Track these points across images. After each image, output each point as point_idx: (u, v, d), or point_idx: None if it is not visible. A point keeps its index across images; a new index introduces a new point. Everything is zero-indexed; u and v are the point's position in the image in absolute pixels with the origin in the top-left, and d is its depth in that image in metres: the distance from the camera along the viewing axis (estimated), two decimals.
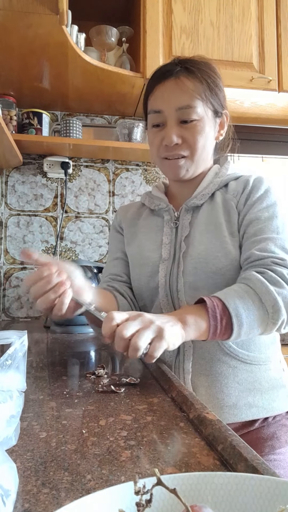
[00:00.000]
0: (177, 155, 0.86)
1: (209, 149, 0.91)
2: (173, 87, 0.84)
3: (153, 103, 0.88)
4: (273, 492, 0.28)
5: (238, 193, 0.86)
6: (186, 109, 0.84)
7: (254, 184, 0.86)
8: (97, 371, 0.73)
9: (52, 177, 1.85)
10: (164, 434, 0.47)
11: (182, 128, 0.85)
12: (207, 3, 1.64)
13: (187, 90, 0.84)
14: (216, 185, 0.89)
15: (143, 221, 0.99)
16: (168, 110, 0.85)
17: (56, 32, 1.27)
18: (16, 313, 1.79)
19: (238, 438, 0.43)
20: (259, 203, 0.83)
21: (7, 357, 0.44)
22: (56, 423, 0.50)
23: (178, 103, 0.84)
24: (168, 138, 0.84)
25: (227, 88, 1.66)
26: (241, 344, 0.82)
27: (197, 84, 0.84)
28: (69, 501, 0.33)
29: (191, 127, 0.85)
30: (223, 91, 0.91)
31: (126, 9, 1.76)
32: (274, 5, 1.71)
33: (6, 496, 0.30)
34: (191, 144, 0.85)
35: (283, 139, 2.11)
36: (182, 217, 0.91)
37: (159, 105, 0.86)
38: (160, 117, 0.86)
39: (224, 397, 0.79)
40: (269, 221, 0.80)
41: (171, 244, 0.90)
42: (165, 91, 0.85)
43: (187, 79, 0.84)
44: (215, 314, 0.69)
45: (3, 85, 1.62)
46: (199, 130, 0.85)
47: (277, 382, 0.83)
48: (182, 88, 0.84)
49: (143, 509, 0.26)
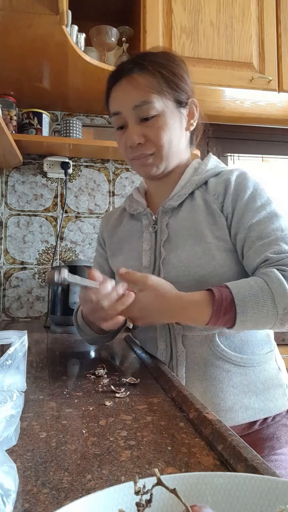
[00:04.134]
0: (143, 155, 0.84)
1: (179, 142, 0.87)
2: (126, 86, 0.83)
3: (111, 105, 0.87)
4: (273, 492, 0.28)
5: (220, 195, 0.82)
6: (142, 105, 0.81)
7: (239, 182, 0.82)
8: (97, 371, 0.73)
9: (52, 177, 1.85)
10: (164, 434, 0.47)
11: (143, 126, 0.83)
12: (207, 3, 1.64)
13: (140, 86, 0.81)
14: (193, 184, 0.86)
15: (124, 228, 0.97)
16: (126, 111, 0.83)
17: (56, 32, 1.27)
18: (16, 313, 1.79)
19: (238, 438, 0.43)
20: (252, 203, 0.79)
21: (7, 357, 0.44)
22: (56, 423, 0.50)
23: (133, 101, 0.82)
24: (129, 139, 0.83)
25: (227, 88, 1.69)
26: (234, 347, 0.80)
27: (150, 78, 0.82)
28: (69, 501, 0.33)
29: (152, 123, 0.82)
30: (185, 80, 0.87)
31: (126, 9, 1.76)
32: (274, 5, 1.71)
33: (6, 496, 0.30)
34: (155, 141, 0.83)
35: (283, 139, 2.11)
36: (160, 220, 0.88)
37: (117, 107, 0.85)
38: (120, 118, 0.85)
39: (219, 402, 0.78)
40: (270, 221, 0.78)
41: (151, 251, 0.87)
42: (119, 92, 0.84)
43: (139, 75, 0.82)
44: (220, 308, 0.69)
45: (3, 85, 1.62)
46: (161, 125, 0.82)
47: (273, 382, 0.82)
48: (134, 85, 0.82)
49: (143, 509, 0.26)
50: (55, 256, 1.83)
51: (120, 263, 0.92)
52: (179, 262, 0.81)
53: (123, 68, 0.84)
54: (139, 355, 0.90)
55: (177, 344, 0.82)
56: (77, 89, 1.66)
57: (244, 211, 0.79)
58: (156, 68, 0.82)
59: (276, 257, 0.73)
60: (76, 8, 1.52)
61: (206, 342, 0.80)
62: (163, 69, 0.83)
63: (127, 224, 0.97)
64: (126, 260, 0.91)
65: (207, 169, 0.88)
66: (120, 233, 0.97)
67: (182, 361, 0.81)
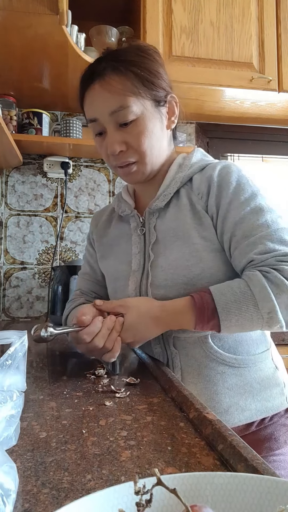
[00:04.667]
0: (126, 162, 0.81)
1: (160, 144, 0.83)
2: (100, 91, 0.78)
3: (87, 112, 0.83)
4: (273, 492, 0.28)
5: (204, 194, 0.80)
6: (119, 111, 0.77)
7: (221, 178, 0.78)
8: (97, 371, 0.73)
9: (52, 177, 1.85)
10: (164, 434, 0.47)
11: (123, 132, 0.79)
12: (207, 3, 1.64)
13: (115, 90, 0.76)
14: (178, 182, 0.83)
15: (114, 230, 0.95)
16: (102, 117, 0.79)
17: (56, 32, 1.27)
18: (16, 313, 1.79)
19: (238, 438, 0.43)
20: (236, 199, 0.76)
21: (7, 357, 0.44)
22: (56, 423, 0.50)
23: (109, 107, 0.77)
24: (110, 147, 0.79)
25: (227, 88, 1.69)
26: (228, 348, 0.79)
27: (124, 80, 0.77)
28: (69, 501, 0.33)
29: (131, 129, 0.78)
30: (161, 75, 0.82)
31: (126, 9, 1.76)
32: (274, 5, 1.71)
33: (6, 496, 0.30)
34: (137, 148, 0.79)
35: (283, 139, 2.11)
36: (147, 222, 0.86)
37: (93, 113, 0.81)
38: (98, 125, 0.81)
39: (214, 404, 0.77)
40: (255, 217, 0.74)
41: (140, 254, 0.85)
42: (93, 97, 0.79)
43: (112, 78, 0.77)
44: (203, 316, 0.70)
45: (3, 85, 1.62)
46: (141, 130, 0.78)
47: (269, 381, 0.80)
48: (109, 90, 0.77)
49: (143, 509, 0.26)
50: (55, 256, 1.83)
51: (111, 266, 0.92)
52: (167, 265, 0.79)
53: (94, 71, 0.79)
54: (139, 355, 0.90)
55: (170, 347, 0.81)
56: (77, 89, 1.66)
57: (228, 209, 0.76)
58: (129, 68, 0.77)
59: (260, 257, 0.72)
60: (76, 8, 1.52)
61: (199, 343, 0.79)
62: (136, 68, 0.78)
63: (116, 226, 0.95)
64: (116, 264, 0.90)
65: (191, 163, 0.85)
66: (110, 236, 0.96)
67: (177, 363, 0.80)
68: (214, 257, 0.78)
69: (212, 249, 0.78)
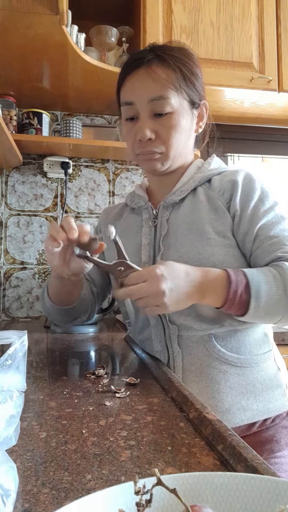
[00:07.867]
0: (151, 151, 0.82)
1: (187, 143, 0.86)
2: (144, 77, 0.79)
3: (124, 94, 0.83)
4: (273, 492, 0.28)
5: (226, 191, 0.81)
6: (158, 100, 0.78)
7: (246, 183, 0.81)
8: (97, 371, 0.73)
9: (52, 177, 1.85)
10: (164, 434, 0.47)
11: (156, 122, 0.80)
12: (207, 3, 1.64)
13: (159, 80, 0.78)
14: (196, 181, 0.85)
15: (123, 222, 0.96)
16: (140, 102, 0.80)
17: (56, 32, 1.27)
18: (16, 313, 1.79)
19: (238, 438, 0.43)
20: (261, 205, 0.80)
21: (7, 357, 0.44)
22: (56, 423, 0.50)
23: (150, 94, 0.79)
24: (141, 133, 0.80)
25: (227, 88, 1.69)
26: (231, 347, 0.79)
27: (170, 73, 0.79)
28: (69, 501, 0.33)
29: (165, 120, 0.80)
30: (200, 80, 0.86)
31: (126, 9, 1.76)
32: (274, 5, 1.71)
33: (6, 496, 0.30)
34: (165, 140, 0.81)
35: (283, 139, 2.11)
36: (160, 215, 0.87)
37: (130, 97, 0.81)
38: (132, 109, 0.82)
39: (216, 403, 0.77)
40: (277, 222, 0.79)
41: (150, 245, 0.86)
42: (136, 82, 0.80)
43: (159, 68, 0.79)
44: (236, 291, 0.69)
45: (3, 85, 1.62)
46: (174, 124, 0.80)
47: (271, 382, 0.81)
48: (153, 77, 0.79)
49: (143, 509, 0.26)
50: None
51: None
52: (178, 258, 0.79)
53: (141, 58, 0.80)
54: (139, 355, 0.90)
55: (173, 345, 0.81)
56: (77, 89, 1.66)
57: (254, 212, 0.79)
58: (176, 63, 0.80)
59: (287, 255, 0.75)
60: (76, 8, 1.52)
61: (202, 342, 0.79)
62: (182, 66, 0.81)
63: (126, 219, 0.96)
64: None
65: (210, 168, 0.87)
66: (119, 227, 0.96)
67: (179, 362, 0.80)
68: (227, 252, 0.79)
69: (226, 244, 0.79)
